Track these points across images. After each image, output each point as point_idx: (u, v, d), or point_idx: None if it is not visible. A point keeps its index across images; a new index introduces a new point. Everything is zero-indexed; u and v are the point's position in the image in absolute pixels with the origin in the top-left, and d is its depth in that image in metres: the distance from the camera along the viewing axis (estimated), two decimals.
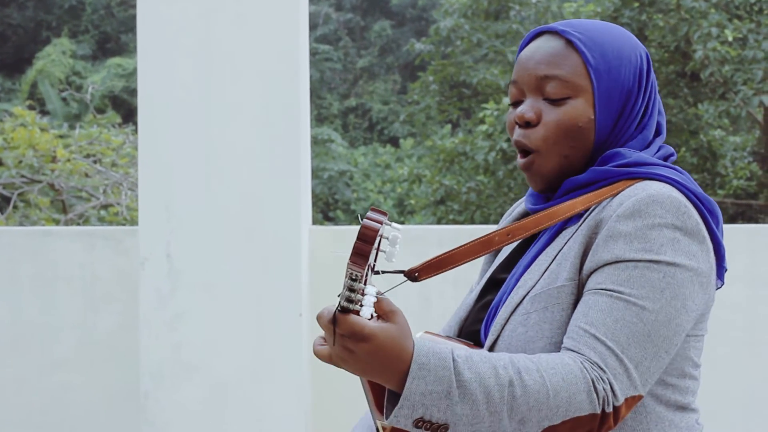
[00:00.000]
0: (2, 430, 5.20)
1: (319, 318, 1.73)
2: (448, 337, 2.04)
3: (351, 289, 1.66)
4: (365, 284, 1.67)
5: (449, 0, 16.27)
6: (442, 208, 14.37)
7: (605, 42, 2.00)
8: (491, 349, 1.93)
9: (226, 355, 4.68)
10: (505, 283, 2.03)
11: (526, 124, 2.00)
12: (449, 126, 20.80)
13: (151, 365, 4.69)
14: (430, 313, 4.86)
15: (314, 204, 22.11)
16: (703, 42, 11.75)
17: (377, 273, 1.80)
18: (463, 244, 1.97)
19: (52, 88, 24.38)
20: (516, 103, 2.04)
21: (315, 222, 19.96)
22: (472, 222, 13.86)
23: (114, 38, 29.09)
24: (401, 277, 1.99)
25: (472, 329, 2.08)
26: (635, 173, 1.94)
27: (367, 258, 1.64)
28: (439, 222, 14.27)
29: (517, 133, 2.01)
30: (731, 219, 14.30)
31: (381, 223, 1.65)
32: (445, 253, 1.97)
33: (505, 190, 13.88)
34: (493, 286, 2.11)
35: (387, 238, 1.71)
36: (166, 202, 4.68)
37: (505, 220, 2.26)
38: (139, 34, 4.73)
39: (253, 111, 4.67)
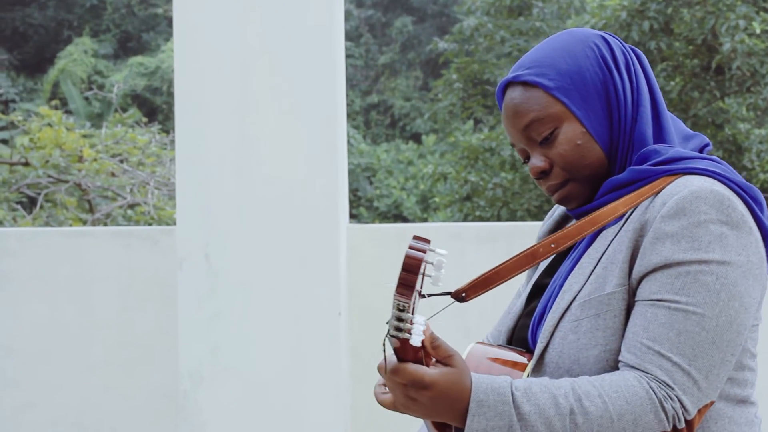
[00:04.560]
0: (41, 431, 5.21)
1: (379, 368, 1.81)
2: (500, 346, 2.05)
3: (399, 319, 1.69)
4: (413, 313, 1.69)
5: None
6: (468, 204, 14.34)
7: (556, 58, 1.99)
8: (542, 356, 1.92)
9: (264, 355, 4.67)
10: (548, 289, 2.03)
11: (543, 173, 2.02)
12: (471, 122, 20.77)
13: (189, 365, 4.68)
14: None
15: None
16: (731, 35, 11.70)
17: (423, 297, 1.82)
18: (507, 259, 1.97)
19: (74, 88, 24.44)
20: (527, 159, 2.07)
21: None
22: (499, 218, 13.83)
23: (135, 37, 29.15)
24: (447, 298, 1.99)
25: (521, 336, 2.07)
26: (674, 170, 1.92)
27: (413, 288, 1.66)
28: (465, 219, 14.25)
29: (542, 184, 2.05)
30: None
31: (424, 251, 1.68)
32: (491, 270, 1.96)
33: (531, 186, 13.84)
34: (538, 291, 2.11)
35: (432, 263, 1.72)
36: (203, 201, 4.66)
37: (547, 223, 2.26)
38: (176, 34, 4.72)
39: (289, 109, 4.65)
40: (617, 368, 1.86)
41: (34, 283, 5.24)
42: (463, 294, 1.96)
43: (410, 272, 1.66)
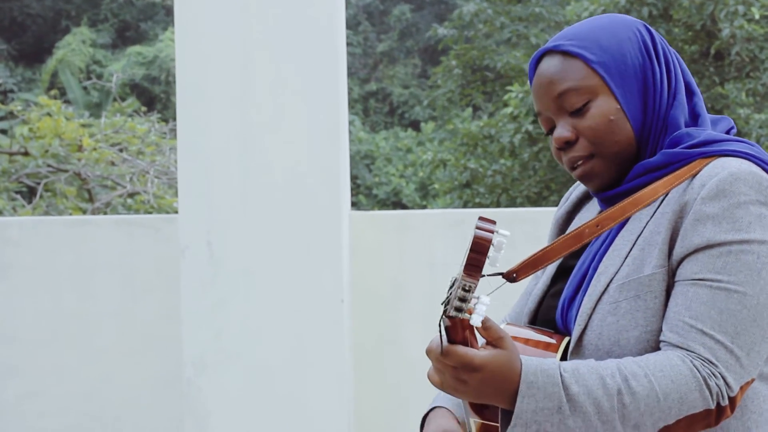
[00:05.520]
0: (44, 420, 5.21)
1: (428, 352, 1.78)
2: (529, 327, 2.05)
3: (462, 299, 1.69)
4: (478, 294, 1.69)
5: None
6: (468, 191, 14.35)
7: (599, 34, 2.00)
8: (580, 339, 1.93)
9: (267, 342, 4.68)
10: (576, 270, 2.03)
11: (567, 144, 2.01)
12: (470, 110, 20.78)
13: (193, 353, 4.69)
14: None
15: None
16: (730, 20, 11.70)
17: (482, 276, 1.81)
18: (554, 240, 1.99)
19: (73, 77, 24.42)
20: (551, 130, 2.06)
21: None
22: (498, 205, 13.84)
23: (133, 26, 29.12)
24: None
25: (546, 318, 2.07)
26: (709, 152, 1.94)
27: (480, 269, 1.66)
28: (465, 206, 14.26)
29: (564, 156, 2.04)
30: None
31: (492, 232, 1.68)
32: (540, 251, 1.97)
33: (530, 172, 13.85)
34: (562, 273, 2.11)
35: (493, 245, 1.71)
36: (205, 190, 4.67)
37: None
38: (177, 23, 4.72)
39: (291, 97, 4.66)
40: (658, 349, 1.87)
41: (36, 273, 5.24)
42: (515, 275, 1.95)
43: (479, 253, 1.67)
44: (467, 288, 1.67)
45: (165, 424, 5.13)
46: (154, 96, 25.85)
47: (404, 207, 22.55)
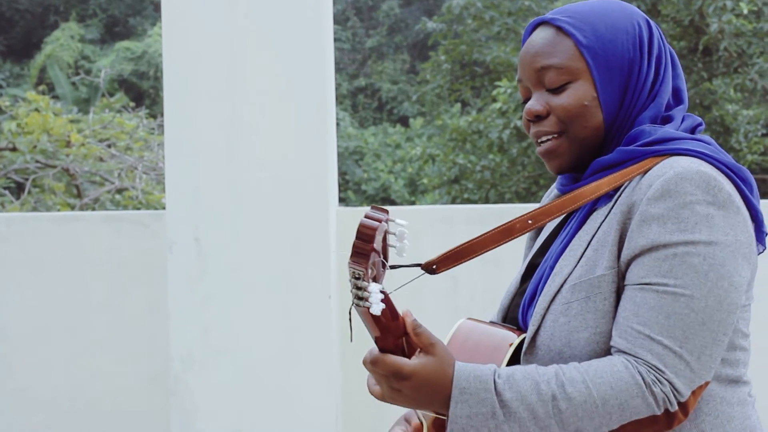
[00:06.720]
0: (32, 416, 5.21)
1: (364, 362, 1.81)
2: (492, 323, 2.05)
3: (358, 288, 1.70)
4: (369, 281, 1.69)
5: None
6: (457, 187, 14.35)
7: (596, 19, 1.99)
8: (533, 339, 1.93)
9: (255, 338, 4.68)
10: (538, 270, 2.03)
11: (537, 117, 2.01)
12: (459, 105, 20.78)
13: (180, 349, 4.69)
14: (457, 292, 4.85)
15: None
16: (718, 16, 11.71)
17: (392, 268, 1.84)
18: (482, 233, 1.97)
19: (61, 73, 24.38)
20: (527, 101, 2.05)
21: None
22: (487, 201, 13.84)
23: (122, 22, 29.08)
24: (418, 270, 1.99)
25: (514, 315, 2.08)
26: (662, 150, 1.92)
27: (367, 256, 1.66)
28: (453, 201, 14.26)
29: (532, 128, 2.03)
30: None
31: (380, 221, 1.69)
32: (463, 243, 1.97)
33: (519, 168, 13.86)
34: (531, 271, 2.11)
35: (394, 234, 1.73)
36: (192, 185, 4.67)
37: (543, 204, 2.24)
38: (164, 18, 4.72)
39: (279, 93, 4.66)
40: (608, 350, 1.86)
41: (24, 268, 5.24)
42: (434, 266, 1.96)
43: (364, 240, 1.67)
44: (357, 275, 1.68)
45: (152, 420, 5.13)
46: (143, 91, 25.83)
47: (393, 203, 22.57)
